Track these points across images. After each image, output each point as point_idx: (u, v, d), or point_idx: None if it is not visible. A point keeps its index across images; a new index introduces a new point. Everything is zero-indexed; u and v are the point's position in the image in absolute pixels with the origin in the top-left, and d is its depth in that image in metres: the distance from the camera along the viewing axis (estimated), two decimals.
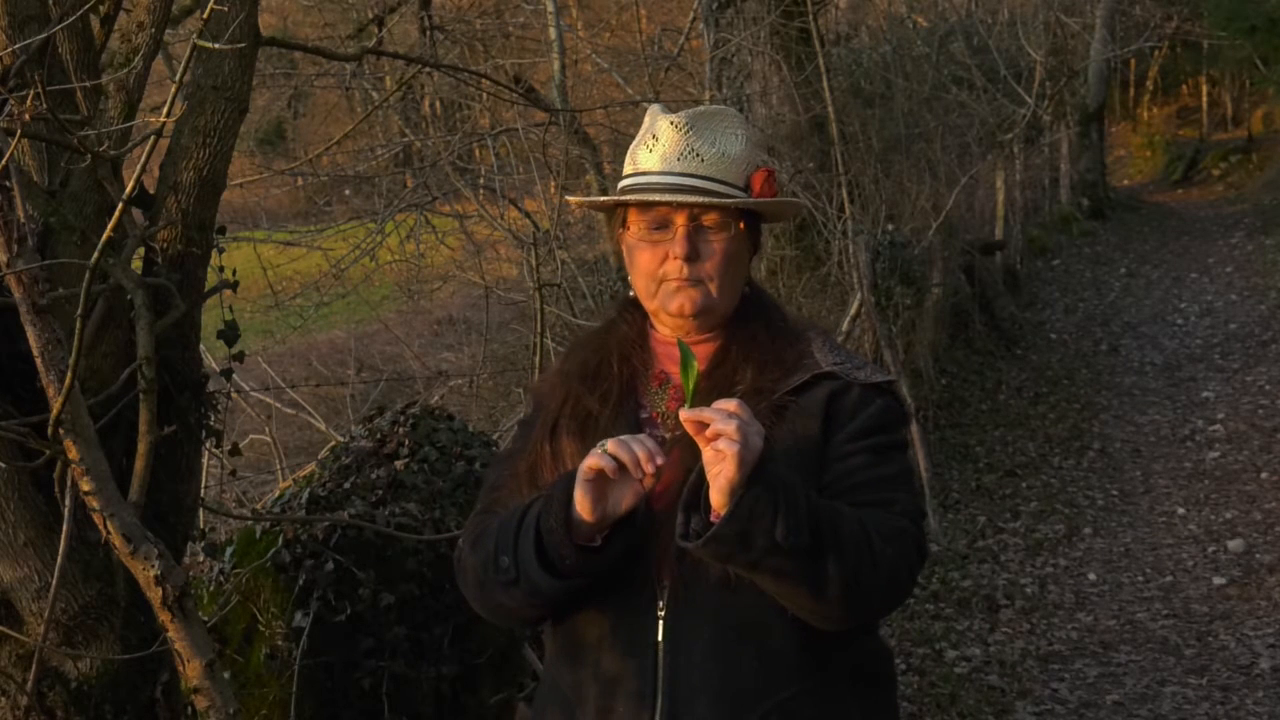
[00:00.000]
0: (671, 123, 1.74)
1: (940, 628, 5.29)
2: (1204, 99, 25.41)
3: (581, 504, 1.57)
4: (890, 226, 8.37)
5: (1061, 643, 5.21)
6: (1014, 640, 5.25)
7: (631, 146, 1.78)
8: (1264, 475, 7.13)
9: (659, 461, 1.53)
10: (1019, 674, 4.90)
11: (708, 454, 1.49)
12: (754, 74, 8.59)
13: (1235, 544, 6.15)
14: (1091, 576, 6.00)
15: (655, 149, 1.74)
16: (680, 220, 1.71)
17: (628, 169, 1.78)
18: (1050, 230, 15.43)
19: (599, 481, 1.56)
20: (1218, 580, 5.76)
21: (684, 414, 1.51)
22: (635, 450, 1.53)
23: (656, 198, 1.70)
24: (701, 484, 1.52)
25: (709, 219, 1.71)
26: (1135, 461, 7.86)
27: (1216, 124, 25.20)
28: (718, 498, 1.49)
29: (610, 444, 1.54)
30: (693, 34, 8.66)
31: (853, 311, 6.71)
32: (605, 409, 1.74)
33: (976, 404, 8.91)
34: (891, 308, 7.55)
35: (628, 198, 1.74)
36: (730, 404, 1.50)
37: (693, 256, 1.70)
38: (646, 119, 1.79)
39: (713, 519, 1.51)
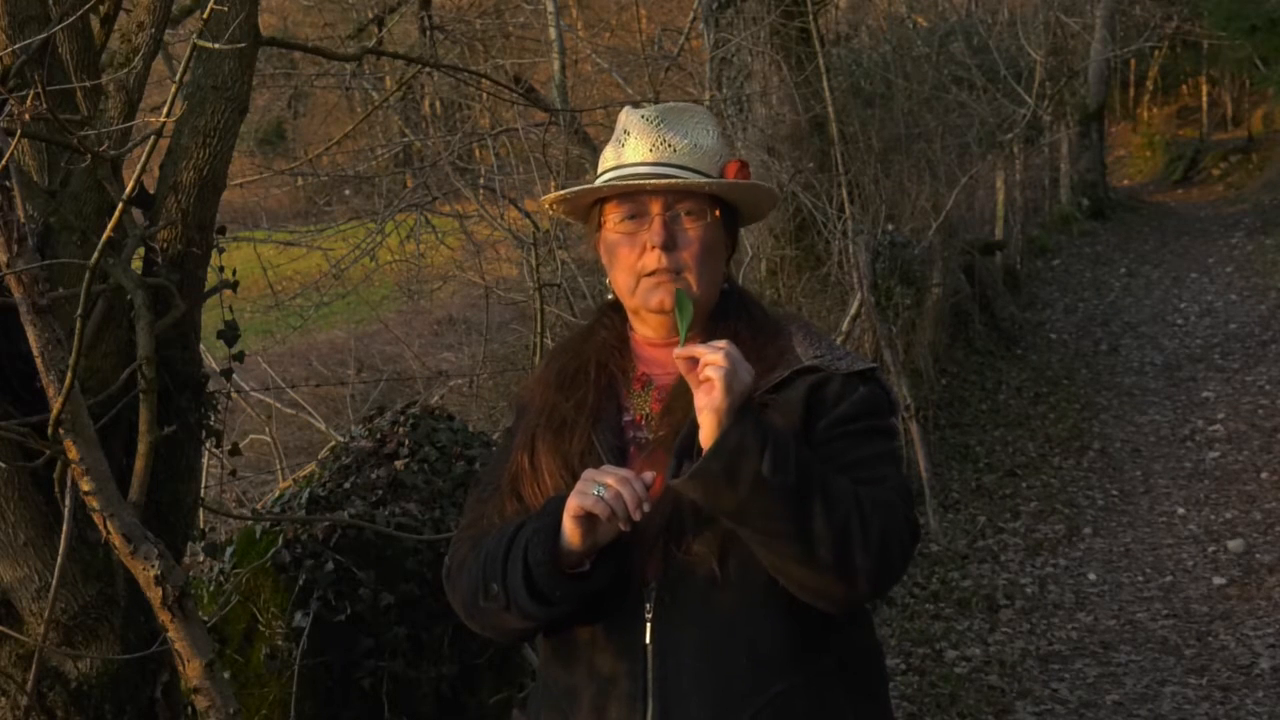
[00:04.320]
0: (643, 117, 1.75)
1: (940, 628, 5.29)
2: (1204, 99, 25.41)
3: (571, 535, 1.59)
4: (890, 226, 8.36)
5: (1061, 643, 5.21)
6: (1014, 640, 5.25)
7: (606, 148, 1.79)
8: (1264, 475, 7.13)
9: (646, 509, 1.55)
10: (1019, 674, 4.90)
11: (698, 392, 1.51)
12: (754, 74, 8.59)
13: (1235, 544, 6.14)
14: (1091, 576, 6.00)
15: (627, 143, 1.74)
16: (656, 209, 1.70)
17: (602, 167, 1.78)
18: (1050, 230, 15.43)
19: (589, 517, 1.58)
20: (1218, 580, 5.76)
21: (677, 351, 1.54)
22: (626, 498, 1.55)
23: (627, 183, 1.70)
24: (695, 431, 1.53)
25: (685, 206, 1.71)
26: (1135, 461, 7.86)
27: (1216, 124, 25.19)
28: (706, 431, 1.51)
29: (607, 493, 1.55)
30: (693, 34, 8.66)
31: (853, 311, 6.71)
32: (582, 416, 1.74)
33: (976, 404, 8.91)
34: (891, 308, 7.55)
35: (600, 185, 1.73)
36: (720, 342, 1.53)
37: (670, 245, 1.69)
38: (619, 121, 1.79)
39: (704, 455, 1.52)
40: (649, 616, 1.65)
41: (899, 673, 4.81)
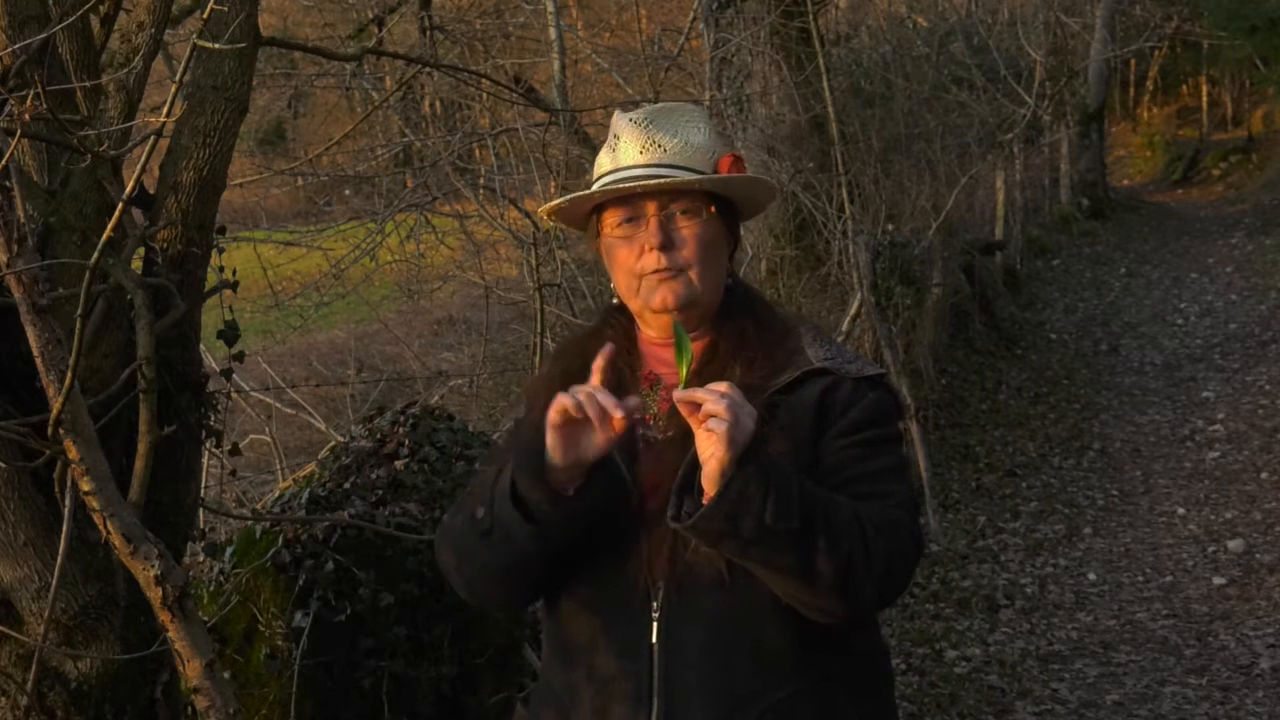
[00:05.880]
0: (631, 120, 1.74)
1: (940, 628, 5.29)
2: (1204, 99, 25.40)
3: (553, 446, 1.57)
4: (890, 226, 8.36)
5: (1061, 643, 5.21)
6: (1014, 640, 5.25)
7: (599, 154, 1.78)
8: (1264, 475, 7.13)
9: (618, 414, 1.52)
10: (1019, 674, 4.90)
11: (700, 436, 1.50)
12: (754, 74, 8.59)
13: (1235, 544, 6.15)
14: (1091, 576, 6.00)
15: (618, 147, 1.74)
16: (651, 210, 1.70)
17: (595, 173, 1.77)
18: (1050, 230, 15.42)
19: (569, 426, 1.56)
20: (1218, 580, 5.76)
21: (677, 394, 1.51)
22: (601, 402, 1.53)
23: (616, 187, 1.70)
24: (695, 468, 1.52)
25: (679, 206, 1.70)
26: (1135, 461, 7.86)
27: (1216, 124, 25.19)
28: (709, 479, 1.49)
29: (581, 392, 1.54)
30: (693, 34, 8.66)
31: (853, 311, 6.72)
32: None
33: (976, 404, 8.91)
34: (891, 308, 7.55)
35: (594, 191, 1.73)
36: (722, 385, 1.51)
37: (667, 245, 1.69)
38: (610, 125, 1.78)
39: (705, 502, 1.51)
40: (656, 615, 1.65)
41: (899, 673, 4.81)
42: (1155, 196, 20.81)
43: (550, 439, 1.57)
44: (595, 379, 1.58)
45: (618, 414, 1.52)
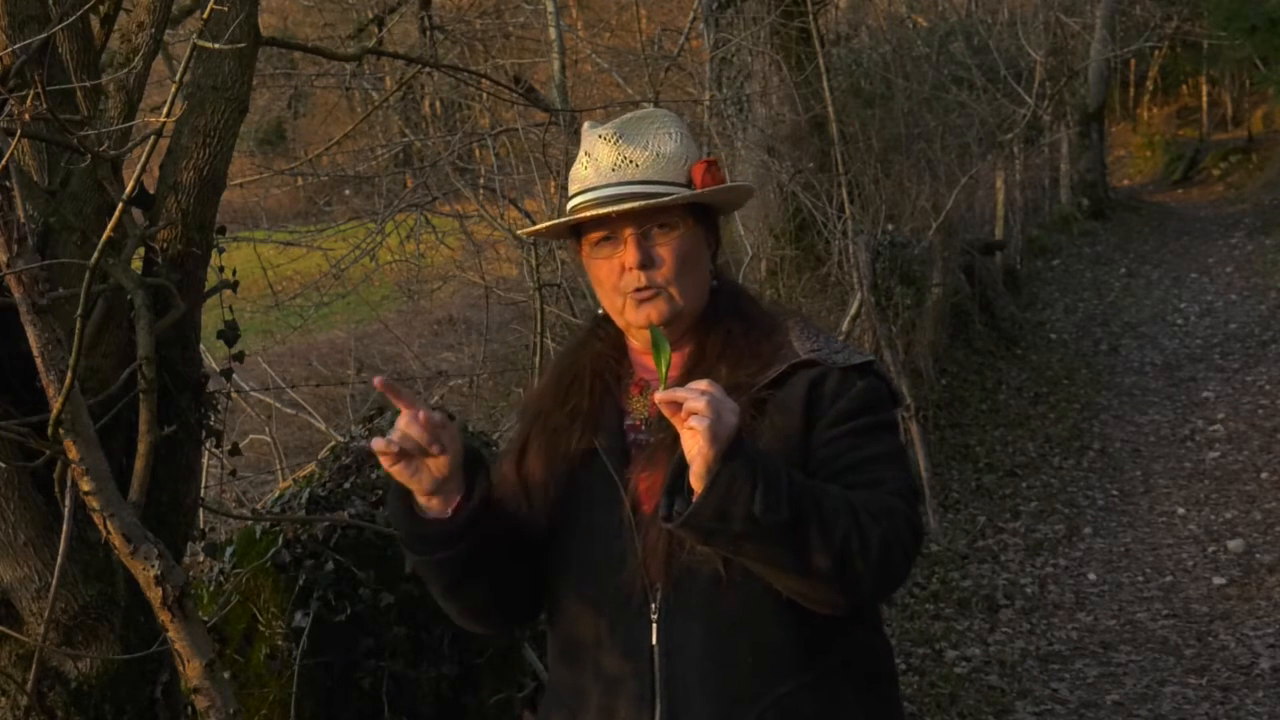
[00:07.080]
0: (600, 135, 1.73)
1: (940, 628, 5.29)
2: (1204, 99, 25.41)
3: (405, 482, 1.61)
4: (890, 226, 8.36)
5: (1061, 643, 5.21)
6: (1014, 640, 5.25)
7: (573, 167, 1.78)
8: (1264, 475, 7.13)
9: (428, 442, 1.57)
10: (1019, 674, 4.90)
11: (684, 435, 1.50)
12: (754, 74, 8.59)
13: (1235, 544, 6.15)
14: (1091, 576, 6.00)
15: (590, 165, 1.73)
16: (627, 231, 1.69)
17: (570, 189, 1.76)
18: (1050, 230, 15.43)
19: (404, 462, 1.59)
20: (1218, 580, 5.76)
21: (658, 395, 1.51)
22: (412, 434, 1.57)
23: (592, 213, 1.69)
24: (684, 468, 1.52)
25: (656, 222, 1.70)
26: (1135, 461, 7.86)
27: (1216, 124, 25.20)
28: (696, 476, 1.49)
29: (394, 433, 1.58)
30: (693, 34, 8.66)
31: (853, 311, 6.72)
32: (576, 422, 1.75)
33: (976, 404, 8.91)
34: (891, 308, 7.54)
35: (566, 219, 1.73)
36: (702, 383, 1.51)
37: (646, 263, 1.68)
38: (583, 138, 1.77)
39: (694, 501, 1.51)
40: (654, 617, 1.66)
41: (899, 673, 4.80)
42: (1155, 196, 20.81)
43: (399, 478, 1.61)
44: (403, 414, 1.59)
45: (432, 444, 1.56)
